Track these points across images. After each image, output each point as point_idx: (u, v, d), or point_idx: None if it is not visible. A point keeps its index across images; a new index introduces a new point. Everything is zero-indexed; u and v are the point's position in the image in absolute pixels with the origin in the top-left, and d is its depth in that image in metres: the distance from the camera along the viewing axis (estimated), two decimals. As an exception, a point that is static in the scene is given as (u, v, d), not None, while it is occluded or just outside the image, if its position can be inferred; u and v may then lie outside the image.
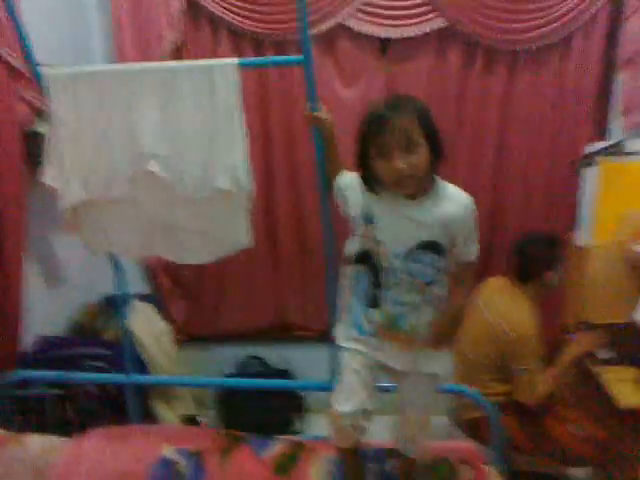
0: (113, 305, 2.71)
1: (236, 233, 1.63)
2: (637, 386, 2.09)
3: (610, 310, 2.53)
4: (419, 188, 1.36)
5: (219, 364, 3.25)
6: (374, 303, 1.44)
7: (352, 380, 1.46)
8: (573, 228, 2.76)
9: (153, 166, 1.53)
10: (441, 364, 1.53)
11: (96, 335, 2.57)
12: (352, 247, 1.48)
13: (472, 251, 1.46)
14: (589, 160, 2.50)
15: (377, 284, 1.43)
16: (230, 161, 1.51)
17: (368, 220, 1.42)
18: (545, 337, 2.54)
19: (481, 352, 2.36)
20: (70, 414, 2.21)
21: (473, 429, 2.45)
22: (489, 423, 1.92)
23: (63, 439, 1.95)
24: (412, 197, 1.37)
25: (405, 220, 1.38)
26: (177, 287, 3.19)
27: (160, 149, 1.53)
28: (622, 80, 2.62)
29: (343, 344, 1.51)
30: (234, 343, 3.29)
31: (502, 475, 1.83)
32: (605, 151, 2.48)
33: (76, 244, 2.61)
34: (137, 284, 3.12)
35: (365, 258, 1.44)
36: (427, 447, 1.62)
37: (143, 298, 2.93)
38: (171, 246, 1.67)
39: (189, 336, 3.26)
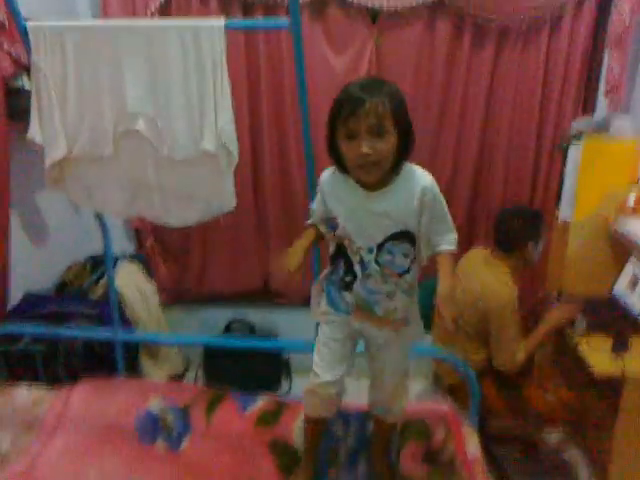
0: (99, 264, 2.73)
1: (221, 196, 1.64)
2: (612, 355, 2.14)
3: (589, 283, 2.58)
4: (383, 177, 1.32)
5: (205, 326, 3.30)
6: (348, 288, 1.44)
7: (330, 351, 1.48)
8: (556, 203, 2.79)
9: (138, 125, 1.53)
10: (414, 332, 1.55)
11: (83, 294, 2.59)
12: (330, 245, 1.49)
13: (449, 239, 1.40)
14: (574, 137, 2.52)
15: (351, 274, 1.42)
16: (216, 123, 1.51)
17: (331, 226, 1.40)
18: (525, 307, 2.60)
19: (462, 320, 2.41)
20: (58, 370, 2.24)
21: (453, 393, 2.52)
22: (468, 388, 1.97)
23: (51, 391, 1.98)
24: (375, 188, 1.34)
25: (371, 215, 1.34)
26: (163, 249, 3.21)
27: (146, 108, 1.53)
28: (609, 59, 2.62)
29: (320, 318, 1.53)
30: (219, 306, 3.32)
31: (478, 437, 1.89)
32: (590, 128, 2.50)
33: (62, 203, 2.65)
34: (124, 245, 3.14)
35: (339, 252, 1.43)
36: (402, 412, 1.63)
37: (130, 258, 2.95)
38: (155, 207, 1.68)
39: (175, 298, 3.29)
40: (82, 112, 1.57)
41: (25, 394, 1.99)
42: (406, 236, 1.36)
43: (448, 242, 1.39)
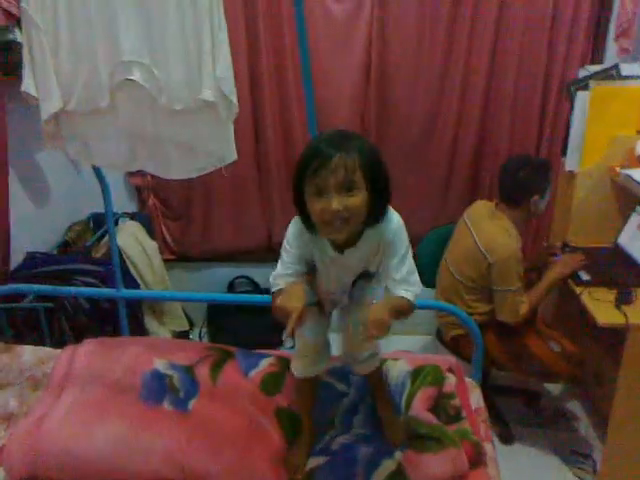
0: (102, 223, 2.72)
1: (221, 147, 1.61)
2: (616, 307, 2.14)
3: (594, 234, 2.57)
4: (351, 235, 1.27)
5: (208, 284, 3.31)
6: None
7: (309, 341, 1.47)
8: (562, 152, 2.75)
9: (135, 75, 1.49)
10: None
11: (86, 252, 2.58)
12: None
13: (411, 283, 1.33)
14: (581, 83, 2.46)
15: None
16: (214, 71, 1.46)
17: (311, 265, 1.40)
18: (529, 260, 2.59)
19: (466, 273, 2.41)
20: (63, 328, 2.26)
21: (455, 346, 2.54)
22: (471, 340, 1.98)
23: (56, 350, 1.99)
24: (346, 245, 1.31)
25: (342, 268, 1.37)
26: (165, 207, 3.19)
27: (142, 57, 1.48)
28: (620, 4, 2.54)
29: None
30: (223, 263, 3.33)
31: (481, 389, 1.91)
32: (598, 75, 2.44)
33: (62, 162, 2.62)
34: (125, 204, 3.12)
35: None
36: (375, 358, 1.57)
37: (132, 217, 2.94)
38: (155, 160, 1.65)
39: (178, 256, 3.29)
40: (76, 63, 1.52)
41: (31, 352, 2.00)
42: (369, 275, 1.42)
43: (407, 289, 1.32)
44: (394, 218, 1.32)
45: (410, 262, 1.33)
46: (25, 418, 1.66)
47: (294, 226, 1.36)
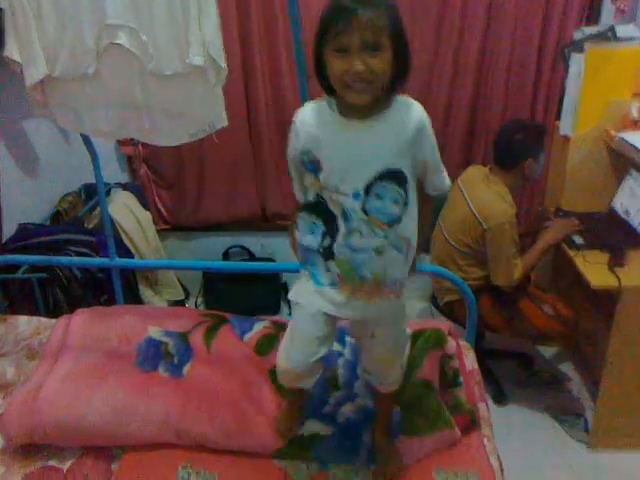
0: (94, 193, 2.69)
1: (211, 112, 1.58)
2: (609, 269, 2.15)
3: (588, 198, 2.57)
4: (373, 104, 1.16)
5: (203, 254, 3.30)
6: (329, 255, 1.25)
7: (303, 330, 1.36)
8: (556, 116, 2.73)
9: (121, 39, 1.46)
10: (402, 312, 1.42)
11: (78, 223, 2.57)
12: (301, 198, 1.34)
13: (445, 181, 1.30)
14: (577, 46, 2.43)
15: (331, 234, 1.24)
16: (202, 35, 1.43)
17: (312, 165, 1.23)
18: (523, 224, 2.60)
19: (460, 238, 2.41)
20: (57, 299, 2.26)
21: (450, 311, 2.56)
22: (465, 305, 1.99)
23: (51, 320, 2.00)
24: (364, 117, 1.18)
25: (358, 148, 1.18)
26: (157, 177, 3.17)
27: (127, 20, 1.44)
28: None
29: (299, 300, 1.36)
30: (217, 233, 3.32)
31: (475, 352, 1.93)
32: (593, 37, 2.40)
33: (52, 132, 2.59)
34: (117, 174, 3.10)
35: (315, 207, 1.26)
36: (398, 381, 1.51)
37: (124, 187, 2.92)
38: (145, 127, 1.62)
39: (171, 225, 3.28)
40: (60, 28, 1.48)
41: (26, 323, 2.01)
42: (397, 177, 1.19)
43: (438, 182, 1.29)
44: (422, 111, 1.21)
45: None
46: (22, 386, 1.67)
47: (297, 116, 1.26)
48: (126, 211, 2.74)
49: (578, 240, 2.36)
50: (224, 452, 1.52)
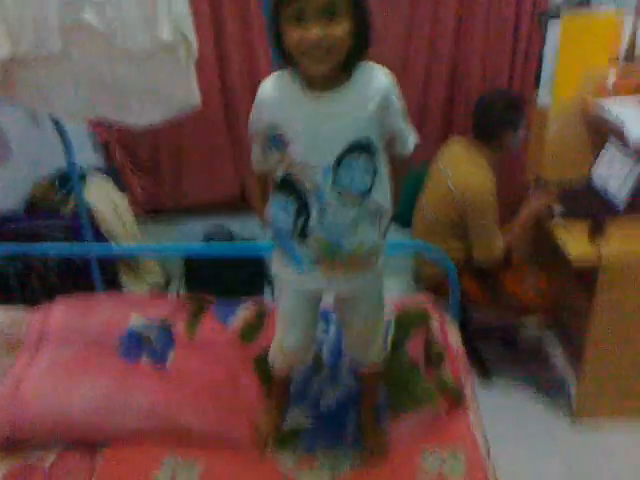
0: (68, 179, 2.63)
1: (183, 91, 1.55)
2: (589, 241, 2.16)
3: (567, 168, 2.57)
4: (336, 74, 1.13)
5: (183, 238, 3.26)
6: (303, 234, 1.22)
7: (293, 313, 1.40)
8: (535, 86, 2.72)
9: (86, 14, 1.40)
10: (380, 282, 1.42)
11: (53, 210, 2.51)
12: (260, 166, 1.32)
13: (410, 141, 1.28)
14: (554, 12, 2.41)
15: (304, 212, 1.21)
16: (170, 9, 1.39)
17: (278, 141, 1.19)
18: (504, 196, 2.59)
19: (441, 213, 2.40)
20: (34, 289, 2.21)
21: (432, 285, 2.55)
22: (447, 279, 1.99)
23: (28, 311, 1.95)
24: (327, 87, 1.14)
25: (324, 122, 1.14)
26: (133, 161, 3.11)
27: (93, -5, 1.40)
28: None
29: (282, 284, 1.39)
30: (196, 216, 3.27)
31: (459, 330, 1.93)
32: (570, 3, 2.38)
33: (21, 117, 2.52)
34: (92, 160, 3.03)
35: (286, 185, 1.22)
36: (379, 358, 1.52)
37: (99, 172, 2.86)
38: (115, 106, 1.57)
39: (150, 211, 3.23)
40: (23, 6, 1.43)
41: (3, 314, 1.96)
42: (366, 147, 1.17)
43: (407, 144, 1.28)
44: (387, 75, 1.19)
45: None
46: (1, 381, 1.63)
47: (259, 91, 1.21)
48: (102, 196, 2.68)
49: (558, 209, 2.35)
50: (209, 443, 1.51)
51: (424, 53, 2.86)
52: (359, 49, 1.12)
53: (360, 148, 1.16)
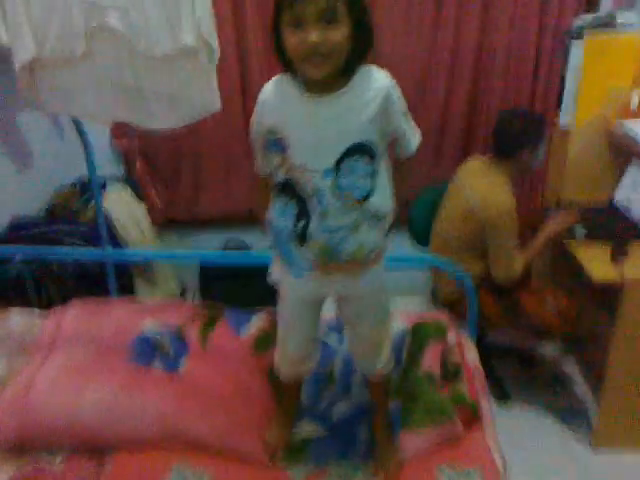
0: (89, 187, 2.66)
1: (205, 95, 1.56)
2: (611, 263, 2.12)
3: (589, 190, 2.53)
4: (335, 78, 1.13)
5: (199, 248, 3.26)
6: (303, 239, 1.22)
7: (293, 318, 1.41)
8: (556, 107, 2.70)
9: (110, 18, 1.42)
10: (382, 280, 1.39)
11: (73, 217, 2.53)
12: (263, 171, 1.33)
13: (412, 142, 1.28)
14: (576, 33, 2.40)
15: (304, 215, 1.20)
16: (193, 13, 1.40)
17: (278, 144, 1.20)
18: (523, 217, 2.56)
19: (459, 231, 2.38)
20: (50, 293, 2.22)
21: (450, 304, 2.52)
22: (465, 298, 1.96)
23: (44, 314, 1.96)
24: (326, 90, 1.15)
25: (325, 123, 1.15)
26: (153, 171, 3.13)
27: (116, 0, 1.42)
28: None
29: (281, 289, 1.40)
30: (213, 228, 3.27)
31: (476, 346, 1.89)
32: (593, 24, 2.37)
33: (46, 125, 2.56)
34: (113, 169, 3.06)
35: (286, 189, 1.22)
36: (387, 361, 1.49)
37: (119, 180, 2.88)
38: (136, 110, 1.58)
39: (168, 221, 3.24)
40: (49, 8, 1.45)
41: (18, 318, 1.97)
42: (367, 149, 1.17)
43: (410, 145, 1.28)
44: (386, 77, 1.19)
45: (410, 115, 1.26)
46: (13, 384, 1.62)
47: (260, 95, 1.24)
48: (121, 205, 2.70)
49: (579, 232, 2.32)
50: (218, 452, 1.49)
51: (445, 71, 2.86)
52: (358, 53, 1.13)
53: (361, 151, 1.17)
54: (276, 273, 1.38)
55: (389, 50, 2.80)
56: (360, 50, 1.13)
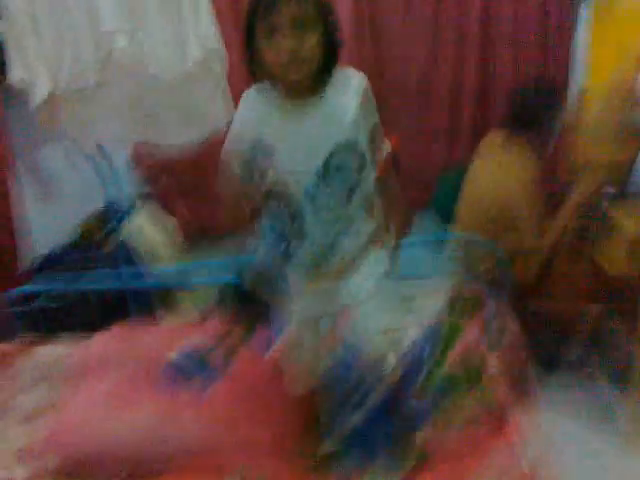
0: (115, 214, 2.68)
1: (217, 110, 1.57)
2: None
3: (612, 148, 2.48)
4: (312, 82, 1.17)
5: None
6: (288, 255, 1.28)
7: (295, 331, 1.45)
8: (570, 71, 2.65)
9: (118, 42, 1.45)
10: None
11: (100, 245, 2.55)
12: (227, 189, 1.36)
13: (384, 141, 1.32)
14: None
15: (298, 220, 1.24)
16: (198, 29, 1.42)
17: (264, 152, 1.21)
18: (548, 184, 2.53)
19: (485, 208, 2.34)
20: (77, 325, 2.23)
21: (484, 278, 2.49)
22: (500, 270, 1.94)
23: (72, 345, 1.96)
24: (308, 95, 1.18)
25: (311, 126, 1.18)
26: (179, 186, 3.15)
27: (123, 23, 1.44)
28: None
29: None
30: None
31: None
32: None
33: (69, 156, 2.59)
34: (139, 187, 3.08)
35: (274, 195, 1.24)
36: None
37: (146, 198, 2.90)
38: (155, 129, 1.62)
39: (194, 234, 3.25)
40: (59, 42, 1.49)
41: (46, 350, 1.96)
42: (353, 147, 1.21)
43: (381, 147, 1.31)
44: (362, 77, 1.23)
45: None
46: (46, 415, 1.63)
47: (241, 106, 1.26)
48: (151, 222, 2.71)
49: (610, 190, 2.28)
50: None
51: (453, 48, 2.84)
52: (330, 57, 1.16)
53: (347, 149, 1.20)
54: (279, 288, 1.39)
55: (393, 37, 2.79)
56: (333, 52, 1.16)
